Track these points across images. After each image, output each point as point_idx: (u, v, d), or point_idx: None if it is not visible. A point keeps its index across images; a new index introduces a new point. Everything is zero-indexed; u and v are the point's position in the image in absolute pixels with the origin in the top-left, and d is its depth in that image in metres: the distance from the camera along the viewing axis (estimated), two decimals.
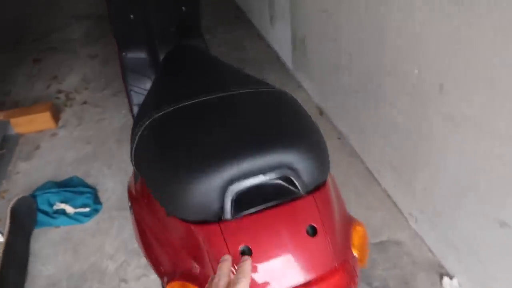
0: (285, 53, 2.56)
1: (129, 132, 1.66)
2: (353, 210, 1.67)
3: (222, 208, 0.71)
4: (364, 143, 1.83)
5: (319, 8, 1.96)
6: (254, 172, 0.72)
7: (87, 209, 1.75)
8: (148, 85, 1.54)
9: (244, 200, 0.72)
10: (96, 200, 1.80)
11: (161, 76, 1.14)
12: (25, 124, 2.25)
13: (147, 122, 0.84)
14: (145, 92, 1.54)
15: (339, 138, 2.01)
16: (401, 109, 1.44)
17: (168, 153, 0.76)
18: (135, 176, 1.02)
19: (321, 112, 2.17)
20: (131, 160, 0.88)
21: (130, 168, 1.94)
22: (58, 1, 4.06)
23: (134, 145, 0.84)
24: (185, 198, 0.70)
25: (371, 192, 1.73)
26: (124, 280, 1.50)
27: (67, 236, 1.68)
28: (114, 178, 1.92)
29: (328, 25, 1.90)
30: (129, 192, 1.01)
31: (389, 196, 1.69)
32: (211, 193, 0.70)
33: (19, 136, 2.25)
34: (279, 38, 2.64)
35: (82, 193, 1.81)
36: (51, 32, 3.41)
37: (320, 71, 2.14)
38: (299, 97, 2.37)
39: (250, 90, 0.91)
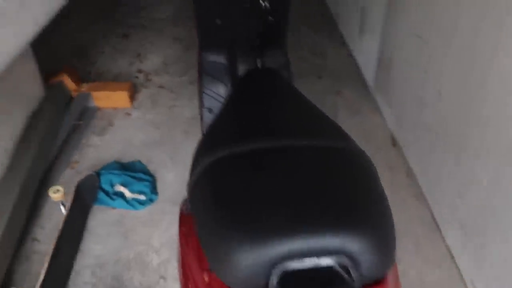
0: (368, 69, 2.41)
1: (198, 124, 1.67)
2: (409, 261, 1.55)
3: (267, 284, 0.66)
4: (435, 190, 1.67)
5: (413, 31, 1.80)
6: (308, 254, 0.66)
7: (143, 197, 1.81)
8: (221, 90, 1.53)
9: (290, 280, 0.66)
10: (153, 190, 1.86)
11: (231, 102, 1.11)
12: (104, 99, 2.37)
13: (208, 162, 0.83)
14: (217, 97, 1.54)
15: (408, 176, 1.86)
16: (488, 169, 1.28)
17: (220, 210, 0.73)
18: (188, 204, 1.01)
19: (395, 143, 2.03)
20: (187, 191, 0.86)
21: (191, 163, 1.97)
22: None
23: (192, 183, 0.83)
24: (229, 264, 0.67)
25: (433, 246, 1.58)
26: (164, 278, 1.54)
27: (121, 219, 1.76)
28: (174, 171, 1.96)
29: (420, 52, 1.74)
30: (181, 215, 1.00)
31: (451, 256, 1.53)
32: (257, 266, 0.66)
33: (97, 109, 2.38)
34: (365, 51, 2.49)
35: (141, 179, 1.87)
36: (142, 8, 3.54)
37: (401, 99, 1.98)
38: (374, 121, 2.25)
39: (321, 145, 0.84)
